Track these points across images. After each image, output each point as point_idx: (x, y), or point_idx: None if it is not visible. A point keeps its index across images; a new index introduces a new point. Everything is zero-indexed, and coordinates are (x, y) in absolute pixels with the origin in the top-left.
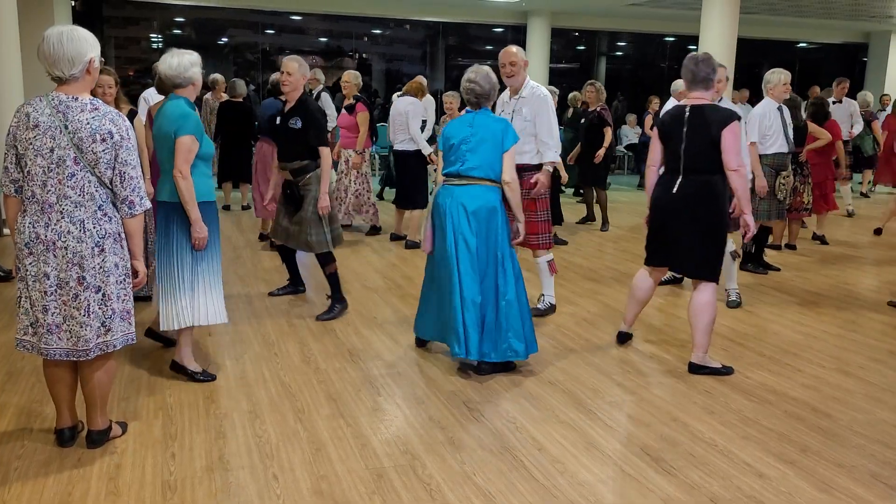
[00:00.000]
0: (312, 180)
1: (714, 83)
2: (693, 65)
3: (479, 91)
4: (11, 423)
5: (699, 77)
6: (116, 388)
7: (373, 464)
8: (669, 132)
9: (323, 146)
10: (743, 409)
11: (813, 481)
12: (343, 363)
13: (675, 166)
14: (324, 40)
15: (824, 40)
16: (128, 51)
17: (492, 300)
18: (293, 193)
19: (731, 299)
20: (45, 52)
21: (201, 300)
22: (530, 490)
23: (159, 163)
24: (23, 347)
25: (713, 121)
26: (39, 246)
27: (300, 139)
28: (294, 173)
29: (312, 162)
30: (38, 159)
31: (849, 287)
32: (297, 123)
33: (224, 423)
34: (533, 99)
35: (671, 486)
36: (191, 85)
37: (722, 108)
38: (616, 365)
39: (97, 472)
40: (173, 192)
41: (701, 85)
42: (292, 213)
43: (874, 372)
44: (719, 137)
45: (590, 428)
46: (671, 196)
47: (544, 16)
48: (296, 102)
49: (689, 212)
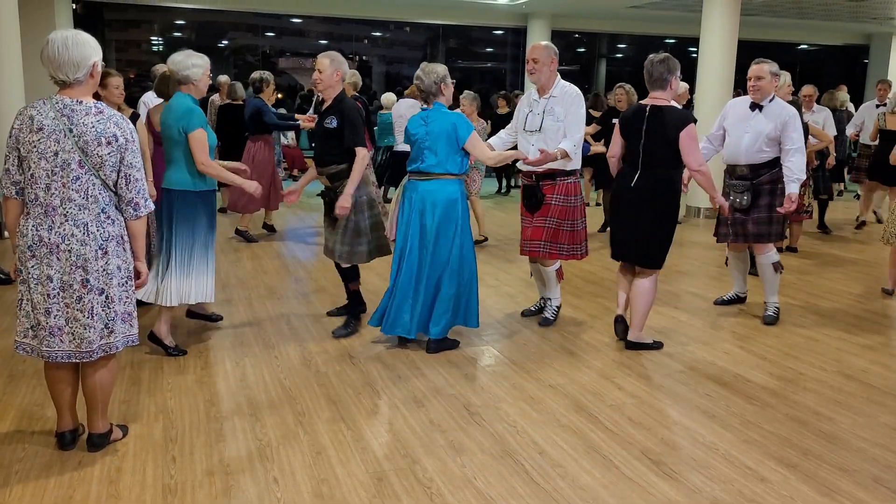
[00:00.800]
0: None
1: (670, 83)
2: (650, 65)
3: (422, 87)
4: (12, 425)
5: (654, 77)
6: (117, 392)
7: (373, 467)
8: (630, 129)
9: (359, 146)
10: (744, 413)
11: (815, 485)
12: (343, 366)
13: (634, 161)
14: (324, 42)
15: (825, 42)
16: (128, 54)
17: (433, 285)
18: (331, 201)
19: (769, 314)
20: (50, 56)
21: (195, 281)
22: (531, 494)
23: (165, 154)
24: (22, 350)
25: (670, 122)
26: (43, 249)
27: (335, 140)
28: (330, 178)
29: (349, 166)
30: (42, 162)
31: (850, 290)
32: (332, 123)
33: (224, 427)
34: (564, 97)
35: (672, 489)
36: (191, 84)
37: (678, 111)
38: (617, 368)
39: (98, 475)
40: (178, 181)
41: (657, 84)
42: (333, 222)
43: (876, 375)
44: (676, 138)
45: (591, 431)
46: (629, 189)
47: (544, 18)
48: (332, 101)
49: (645, 204)
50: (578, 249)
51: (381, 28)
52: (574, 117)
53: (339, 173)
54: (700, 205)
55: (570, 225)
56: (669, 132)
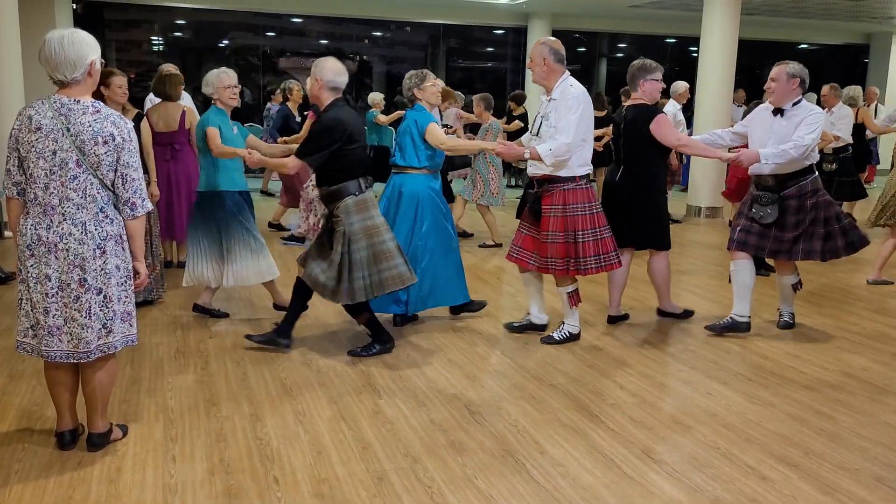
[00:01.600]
0: (342, 211)
1: (638, 84)
2: (629, 70)
3: (403, 90)
4: (12, 425)
5: (628, 79)
6: (117, 391)
7: (374, 467)
8: (616, 129)
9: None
10: (745, 412)
11: (816, 484)
12: (344, 366)
13: (619, 158)
14: (325, 42)
15: (825, 41)
16: (129, 54)
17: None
18: (330, 227)
19: (785, 320)
20: (47, 56)
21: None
22: (532, 493)
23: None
24: (23, 349)
25: (641, 118)
26: (41, 248)
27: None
28: (325, 200)
29: (339, 189)
30: (40, 162)
31: (851, 288)
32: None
33: (225, 426)
34: (560, 100)
35: (674, 489)
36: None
37: (648, 107)
38: (617, 367)
39: (98, 474)
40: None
41: (631, 86)
42: (321, 248)
43: (877, 374)
44: (649, 132)
45: (592, 431)
46: (615, 184)
47: (545, 18)
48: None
49: (630, 198)
50: (583, 264)
51: (382, 28)
52: (564, 122)
53: (328, 196)
54: (701, 204)
55: (571, 237)
56: (642, 127)
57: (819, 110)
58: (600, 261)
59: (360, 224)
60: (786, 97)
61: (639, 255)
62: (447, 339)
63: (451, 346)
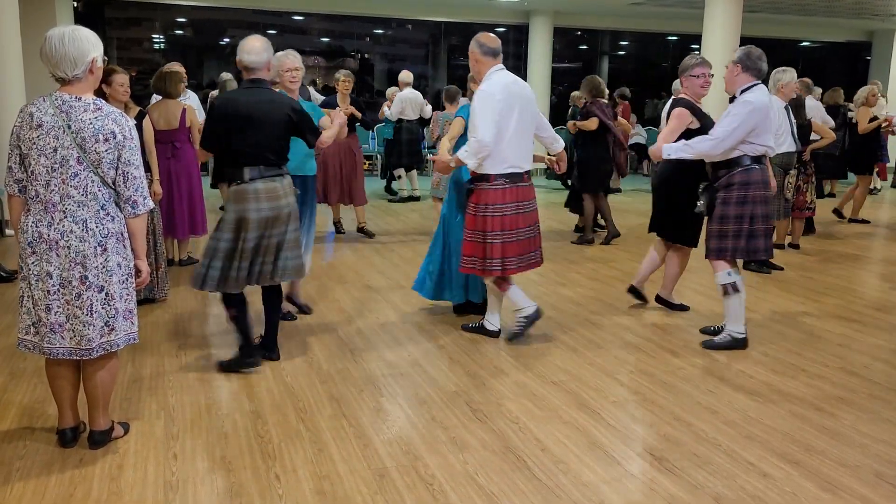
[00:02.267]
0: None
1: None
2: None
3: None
4: (14, 423)
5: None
6: (118, 389)
7: (375, 464)
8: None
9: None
10: (746, 409)
11: (817, 481)
12: (345, 363)
13: None
14: (326, 40)
15: (827, 39)
16: (130, 52)
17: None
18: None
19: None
20: (48, 53)
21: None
22: (533, 490)
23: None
24: (24, 347)
25: (670, 110)
26: (42, 245)
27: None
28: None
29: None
30: (41, 159)
31: (853, 286)
32: None
33: (226, 424)
34: (475, 96)
35: (675, 485)
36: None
37: (677, 99)
38: (619, 365)
39: (99, 472)
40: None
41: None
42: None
43: (879, 371)
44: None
45: (593, 428)
46: (655, 174)
47: (546, 15)
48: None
49: (661, 187)
50: (482, 265)
51: (383, 25)
52: (475, 119)
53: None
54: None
55: (480, 236)
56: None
57: (748, 101)
58: (503, 264)
59: (234, 214)
60: (732, 84)
61: (641, 252)
62: (449, 338)
63: (452, 344)
